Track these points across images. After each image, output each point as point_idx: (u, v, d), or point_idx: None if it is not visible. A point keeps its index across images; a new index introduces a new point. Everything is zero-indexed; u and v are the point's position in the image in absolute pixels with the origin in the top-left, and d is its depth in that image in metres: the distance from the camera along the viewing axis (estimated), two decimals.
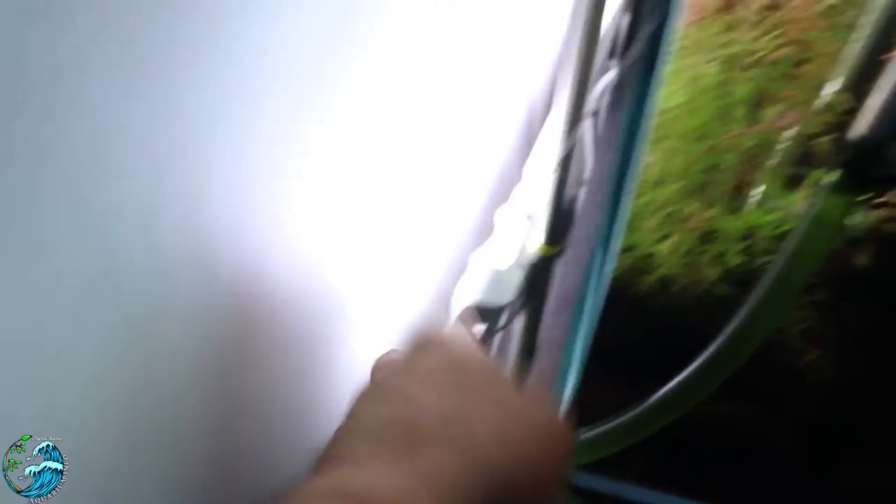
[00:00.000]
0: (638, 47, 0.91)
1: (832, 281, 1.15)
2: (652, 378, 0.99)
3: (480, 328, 1.30)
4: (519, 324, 1.50)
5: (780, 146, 0.98)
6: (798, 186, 1.03)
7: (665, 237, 1.09)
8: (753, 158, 1.00)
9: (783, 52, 0.87)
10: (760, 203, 1.06)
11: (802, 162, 1.02)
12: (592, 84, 0.96)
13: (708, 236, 1.08)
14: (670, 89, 0.91)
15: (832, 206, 0.86)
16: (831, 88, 0.95)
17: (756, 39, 0.87)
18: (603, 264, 1.14)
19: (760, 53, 0.87)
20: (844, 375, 1.19)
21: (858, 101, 0.89)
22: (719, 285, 1.12)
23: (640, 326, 1.18)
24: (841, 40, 0.92)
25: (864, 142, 0.84)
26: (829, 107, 0.94)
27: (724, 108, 0.91)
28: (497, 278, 1.28)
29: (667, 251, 1.10)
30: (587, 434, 1.08)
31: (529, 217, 1.21)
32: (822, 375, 1.19)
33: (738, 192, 1.06)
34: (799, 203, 1.02)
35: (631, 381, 1.05)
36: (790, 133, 0.96)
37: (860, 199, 0.85)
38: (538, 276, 1.31)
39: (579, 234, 1.24)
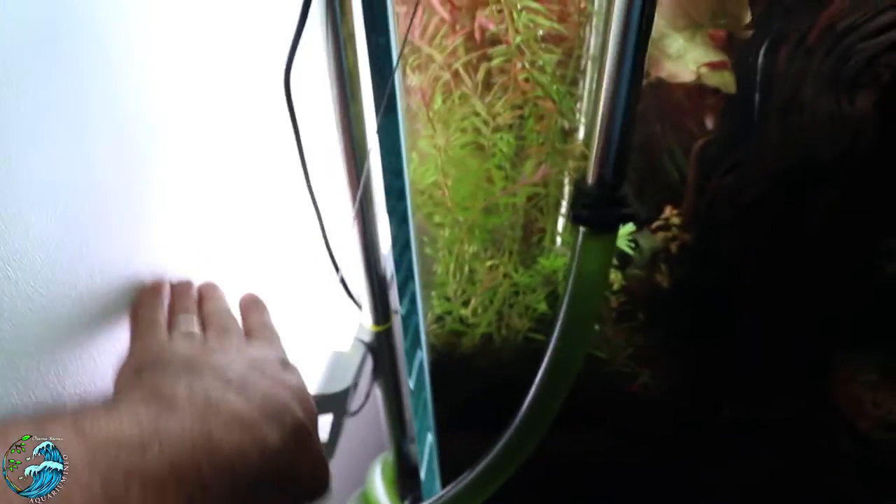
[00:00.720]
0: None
1: (643, 304, 1.19)
2: (497, 428, 1.01)
3: (326, 419, 1.29)
4: (378, 402, 1.51)
5: (548, 195, 1.02)
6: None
7: (468, 301, 1.12)
8: (529, 211, 1.04)
9: (518, 112, 0.91)
10: (548, 250, 1.10)
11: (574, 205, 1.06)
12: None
13: (511, 293, 1.11)
14: (421, 168, 0.94)
15: (589, 248, 0.90)
16: (575, 138, 1.00)
17: (492, 106, 0.91)
18: (417, 334, 1.16)
19: (500, 119, 0.91)
20: (677, 387, 1.23)
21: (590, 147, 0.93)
22: (534, 333, 1.16)
23: (473, 383, 1.21)
24: (567, 94, 0.97)
25: (596, 189, 0.89)
26: (580, 155, 0.99)
27: (485, 172, 0.94)
28: (338, 361, 1.29)
29: (476, 312, 1.13)
30: (452, 491, 1.09)
31: (357, 298, 1.22)
32: (657, 392, 1.23)
33: (527, 244, 1.10)
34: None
35: (480, 435, 1.06)
36: (555, 182, 1.00)
37: (609, 237, 0.89)
38: (378, 353, 1.32)
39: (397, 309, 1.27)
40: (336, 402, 1.18)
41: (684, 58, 0.94)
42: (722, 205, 1.07)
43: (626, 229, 1.06)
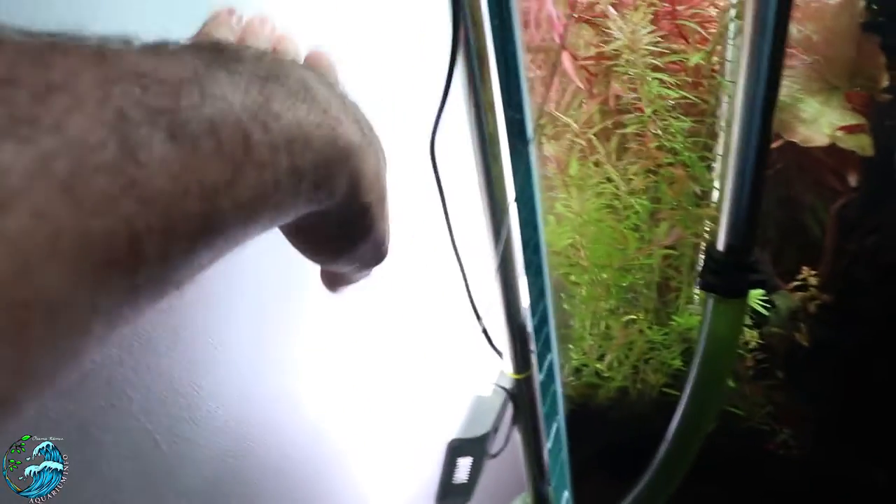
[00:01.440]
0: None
1: (782, 363, 1.19)
2: (630, 480, 1.04)
3: (466, 459, 1.37)
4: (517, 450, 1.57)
5: (682, 256, 1.05)
6: None
7: (603, 356, 1.16)
8: (664, 270, 1.08)
9: (651, 179, 0.96)
10: (683, 308, 1.12)
11: None
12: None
13: (647, 348, 1.14)
14: (557, 230, 1.00)
15: (720, 312, 0.92)
16: (709, 201, 1.03)
17: (625, 172, 0.96)
18: (551, 384, 1.21)
19: (633, 183, 0.96)
20: (815, 448, 1.21)
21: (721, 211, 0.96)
22: (669, 389, 1.18)
23: (609, 433, 1.24)
24: (699, 160, 1.00)
25: (725, 254, 0.91)
26: (713, 218, 1.02)
27: (620, 234, 0.99)
28: (479, 405, 1.37)
29: (611, 366, 1.17)
30: None
31: (496, 346, 1.31)
32: (797, 451, 1.21)
33: (661, 302, 1.13)
34: None
35: (613, 485, 1.10)
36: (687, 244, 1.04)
37: (739, 301, 0.92)
38: (518, 399, 1.39)
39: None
40: (477, 445, 1.24)
41: (818, 122, 0.96)
42: (862, 265, 1.07)
43: (759, 291, 1.07)
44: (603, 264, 1.01)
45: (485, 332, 1.23)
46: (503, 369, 1.32)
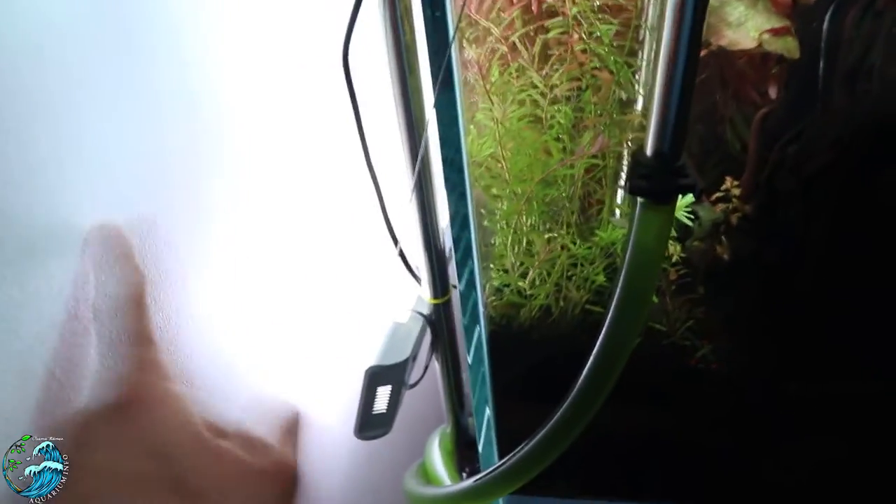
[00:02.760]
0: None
1: (704, 276, 1.18)
2: (554, 401, 1.02)
3: (385, 388, 1.32)
4: (436, 374, 1.53)
5: (606, 167, 1.02)
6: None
7: (525, 274, 1.12)
8: (587, 183, 1.04)
9: (576, 84, 0.91)
10: (606, 222, 1.09)
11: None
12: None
13: (569, 264, 1.11)
14: (479, 141, 0.95)
15: (647, 220, 0.90)
16: (634, 109, 1.00)
17: (548, 78, 0.91)
18: (475, 308, 1.17)
19: (557, 90, 0.91)
20: (739, 362, 1.22)
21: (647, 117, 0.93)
22: (592, 306, 1.16)
23: (531, 354, 1.22)
24: (625, 65, 0.96)
25: (653, 160, 0.88)
26: (638, 126, 0.99)
27: (543, 144, 0.95)
28: (397, 332, 1.32)
29: (534, 284, 1.14)
30: (508, 463, 1.10)
31: (416, 270, 1.25)
32: (717, 366, 1.22)
33: (585, 216, 1.10)
34: None
35: (537, 407, 1.08)
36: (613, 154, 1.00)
37: (667, 208, 0.89)
38: (437, 326, 1.35)
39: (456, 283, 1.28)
40: (395, 373, 1.21)
41: (745, 25, 0.93)
42: (784, 175, 1.05)
43: (685, 201, 1.05)
44: (524, 177, 0.97)
45: (402, 255, 1.18)
46: (420, 294, 1.27)
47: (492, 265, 1.16)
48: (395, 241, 1.15)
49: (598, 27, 0.91)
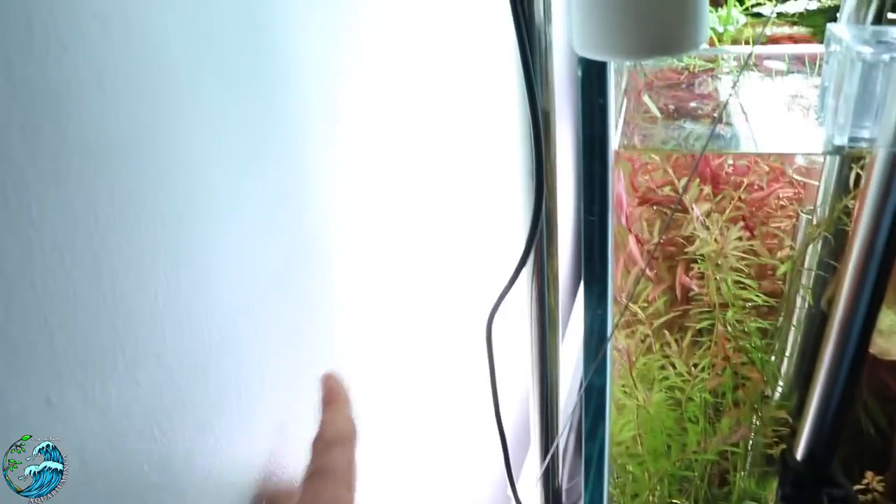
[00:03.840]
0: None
1: None
2: None
3: None
4: None
5: (742, 452, 1.01)
6: (767, 483, 1.06)
7: None
8: (720, 465, 1.03)
9: (719, 379, 0.92)
10: (737, 503, 1.08)
11: (767, 462, 1.05)
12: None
13: None
14: (621, 420, 0.96)
15: None
16: (772, 402, 1.00)
17: (690, 371, 0.92)
18: None
19: (699, 381, 0.93)
20: None
21: (796, 416, 0.93)
22: None
23: None
24: (769, 362, 0.97)
25: (804, 465, 0.87)
26: (772, 420, 0.99)
27: (679, 428, 0.95)
28: None
29: None
30: None
31: None
32: None
33: (713, 496, 1.08)
34: (771, 498, 1.04)
35: None
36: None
37: None
38: None
39: None
40: None
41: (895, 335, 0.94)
42: None
43: None
44: (661, 454, 0.97)
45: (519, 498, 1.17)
46: None
47: None
48: (518, 502, 1.14)
49: (748, 323, 0.93)
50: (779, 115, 0.92)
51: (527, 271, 0.96)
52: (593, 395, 0.99)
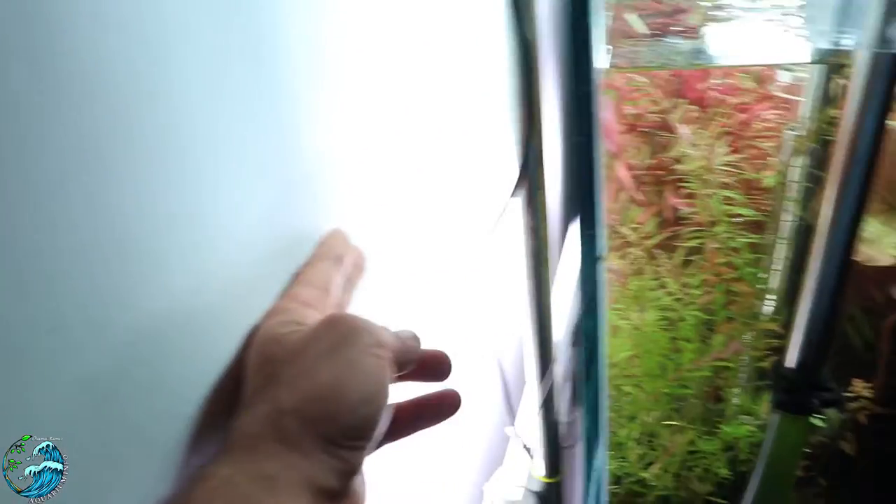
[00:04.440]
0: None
1: (828, 470, 1.18)
2: None
3: None
4: None
5: (736, 368, 1.03)
6: (761, 398, 1.10)
7: (650, 464, 1.13)
8: (714, 382, 1.06)
9: (711, 296, 0.94)
10: (732, 418, 1.11)
11: (761, 377, 1.08)
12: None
13: (691, 455, 1.12)
14: (616, 342, 0.98)
15: (785, 425, 0.91)
16: (764, 316, 1.03)
17: (683, 287, 0.94)
18: (598, 492, 1.17)
19: (692, 297, 0.94)
20: None
21: (786, 327, 0.95)
22: (714, 497, 1.15)
23: None
24: (761, 279, 0.99)
25: (796, 372, 0.90)
26: (765, 333, 1.01)
27: (675, 344, 0.97)
28: None
29: (657, 476, 1.14)
30: None
31: (529, 449, 1.27)
32: None
33: (710, 411, 1.11)
34: (765, 411, 1.07)
35: None
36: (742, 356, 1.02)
37: (806, 418, 0.90)
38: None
39: (573, 464, 1.29)
40: None
41: (881, 241, 0.96)
42: None
43: None
44: (656, 374, 0.99)
45: (517, 433, 1.20)
46: (532, 471, 1.28)
47: (611, 453, 1.17)
48: (513, 418, 1.16)
49: (737, 239, 0.95)
50: (762, 27, 0.93)
51: (520, 203, 0.97)
52: (588, 320, 1.01)
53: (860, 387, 1.08)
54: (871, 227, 0.97)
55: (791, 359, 0.92)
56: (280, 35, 0.42)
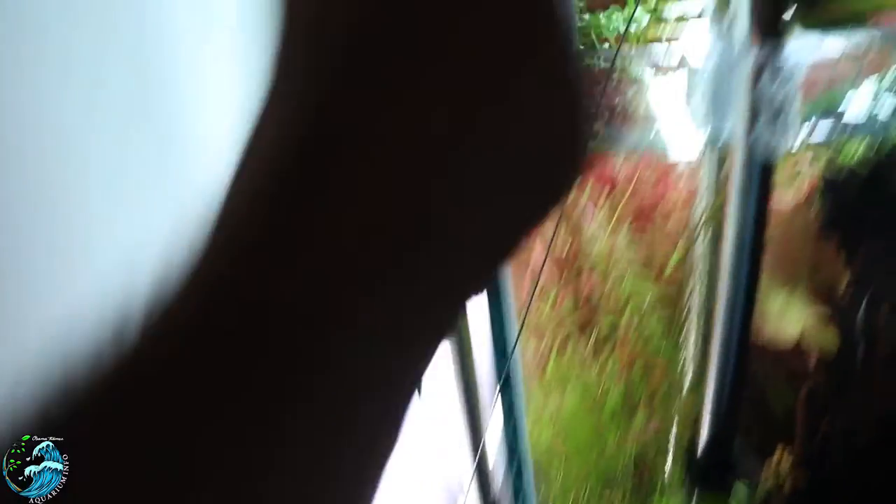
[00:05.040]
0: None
1: None
2: None
3: None
4: None
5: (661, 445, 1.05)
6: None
7: None
8: (641, 457, 1.07)
9: (626, 374, 0.96)
10: (660, 489, 1.12)
11: (688, 449, 1.10)
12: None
13: None
14: (536, 430, 0.99)
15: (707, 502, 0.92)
16: (680, 395, 1.05)
17: (603, 367, 0.96)
18: None
19: (609, 377, 0.96)
20: None
21: (701, 403, 0.97)
22: None
23: None
24: (672, 355, 1.02)
25: (708, 453, 0.91)
26: (683, 409, 1.03)
27: (598, 425, 0.99)
28: None
29: None
30: None
31: None
32: None
33: (639, 482, 1.12)
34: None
35: None
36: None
37: (723, 495, 0.91)
38: None
39: None
40: None
41: (786, 316, 0.99)
42: (836, 447, 1.08)
43: None
44: (583, 453, 1.00)
45: None
46: None
47: None
48: None
49: (651, 322, 0.97)
50: (673, 114, 0.96)
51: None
52: (506, 399, 1.02)
53: (781, 453, 1.10)
54: (776, 303, 1.00)
55: (703, 437, 0.94)
56: None
